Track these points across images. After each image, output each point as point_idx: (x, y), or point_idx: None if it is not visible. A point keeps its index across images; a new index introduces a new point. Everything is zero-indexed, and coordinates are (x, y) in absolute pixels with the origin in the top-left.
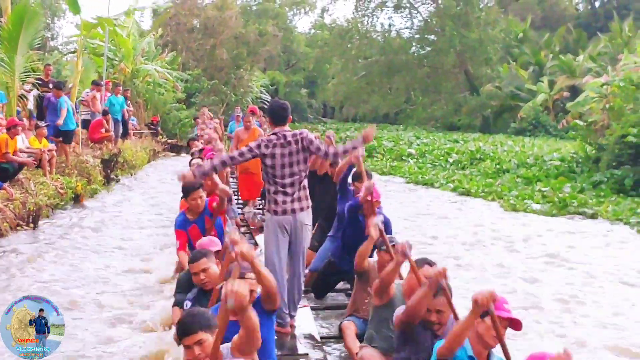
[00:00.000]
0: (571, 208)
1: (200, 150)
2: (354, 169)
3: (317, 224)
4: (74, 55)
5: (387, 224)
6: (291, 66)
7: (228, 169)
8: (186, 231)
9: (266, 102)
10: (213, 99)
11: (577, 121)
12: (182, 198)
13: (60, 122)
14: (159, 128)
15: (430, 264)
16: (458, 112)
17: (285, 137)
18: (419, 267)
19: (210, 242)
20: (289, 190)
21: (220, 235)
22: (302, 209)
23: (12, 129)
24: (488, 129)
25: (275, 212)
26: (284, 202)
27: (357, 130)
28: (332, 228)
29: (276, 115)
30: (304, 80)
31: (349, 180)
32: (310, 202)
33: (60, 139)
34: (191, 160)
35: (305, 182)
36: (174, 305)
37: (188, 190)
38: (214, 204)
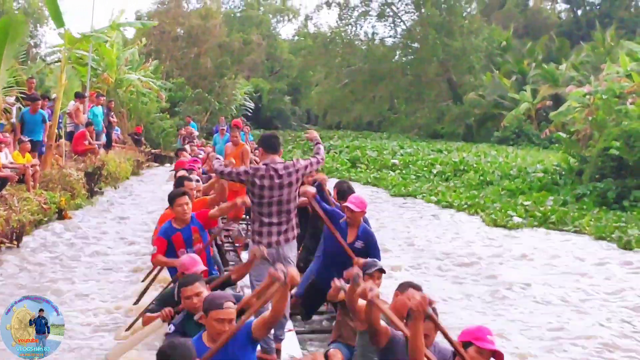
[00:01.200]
0: (551, 223)
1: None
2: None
3: (302, 245)
4: (58, 64)
5: (370, 237)
6: (275, 73)
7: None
8: (169, 239)
9: (250, 110)
10: (197, 107)
11: (561, 134)
12: (166, 209)
13: (44, 137)
14: (143, 138)
15: (415, 287)
16: (441, 121)
17: (276, 170)
18: (403, 291)
19: (192, 262)
20: (274, 220)
21: (207, 249)
22: (287, 241)
23: None
24: (471, 138)
25: (260, 243)
26: (269, 234)
27: (340, 138)
28: (318, 248)
29: (267, 145)
30: (288, 87)
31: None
32: (296, 231)
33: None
34: (176, 172)
35: (294, 213)
36: (146, 311)
37: (174, 195)
38: (213, 212)
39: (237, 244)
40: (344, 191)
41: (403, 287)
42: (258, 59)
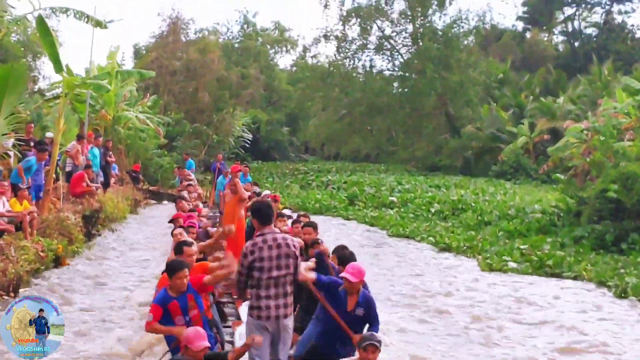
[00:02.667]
0: (548, 268)
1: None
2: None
3: (298, 305)
4: (56, 102)
5: (370, 303)
6: (272, 103)
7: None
8: (165, 307)
9: (248, 141)
10: (195, 142)
11: (559, 175)
12: (163, 272)
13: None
14: (141, 175)
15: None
16: (439, 153)
17: (275, 239)
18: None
19: (197, 337)
20: (272, 293)
21: (204, 318)
22: (286, 316)
23: None
24: (469, 171)
25: (259, 317)
26: (267, 308)
27: (338, 172)
28: (317, 309)
29: (262, 216)
30: (286, 118)
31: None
32: (293, 305)
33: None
34: (173, 229)
35: (291, 287)
36: None
37: (174, 268)
38: (207, 279)
39: (234, 296)
40: (344, 257)
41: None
42: (256, 92)
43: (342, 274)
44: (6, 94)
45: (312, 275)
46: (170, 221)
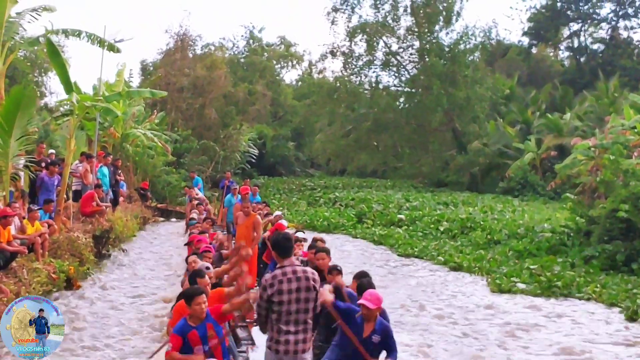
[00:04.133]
0: (556, 289)
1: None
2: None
3: (315, 331)
4: (65, 119)
5: (387, 330)
6: (278, 118)
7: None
8: (184, 337)
9: (254, 156)
10: (202, 158)
11: (569, 195)
12: (177, 301)
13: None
14: (149, 193)
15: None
16: (445, 169)
17: (295, 272)
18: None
19: None
20: (292, 328)
21: (224, 347)
22: (304, 351)
23: (3, 220)
24: (476, 187)
25: (277, 352)
26: (287, 342)
27: (345, 188)
28: (335, 335)
29: (282, 249)
30: (291, 132)
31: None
32: (311, 341)
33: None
34: (187, 256)
35: (311, 323)
36: None
37: (192, 295)
38: (226, 308)
39: (247, 319)
40: (363, 286)
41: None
42: (263, 108)
43: (360, 301)
44: (18, 115)
45: (331, 297)
46: (187, 244)
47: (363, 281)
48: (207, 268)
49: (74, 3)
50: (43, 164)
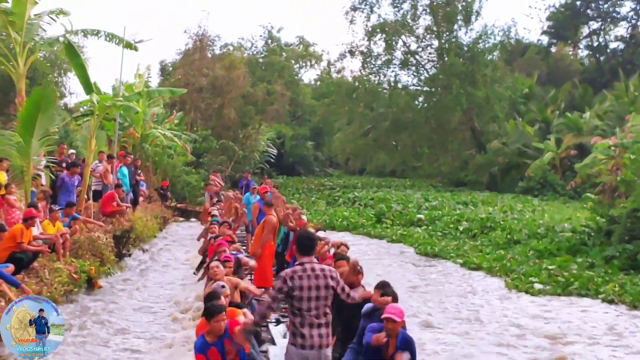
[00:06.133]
0: (574, 289)
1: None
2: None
3: (335, 336)
4: (85, 119)
5: (410, 345)
6: (297, 118)
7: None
8: (205, 355)
9: (273, 156)
10: (221, 158)
11: (589, 195)
12: (202, 316)
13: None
14: (169, 193)
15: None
16: (464, 169)
17: (313, 269)
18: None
19: None
20: (315, 322)
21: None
22: (327, 345)
23: (28, 221)
24: (495, 187)
25: (303, 347)
26: (311, 337)
27: (364, 187)
28: (355, 338)
29: (303, 247)
30: (310, 132)
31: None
32: (332, 337)
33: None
34: (209, 262)
35: (330, 317)
36: None
37: (213, 312)
38: (237, 329)
39: (267, 319)
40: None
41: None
42: (281, 108)
43: (385, 315)
44: (39, 116)
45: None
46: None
47: (387, 291)
48: (222, 287)
49: (93, 4)
50: (64, 165)
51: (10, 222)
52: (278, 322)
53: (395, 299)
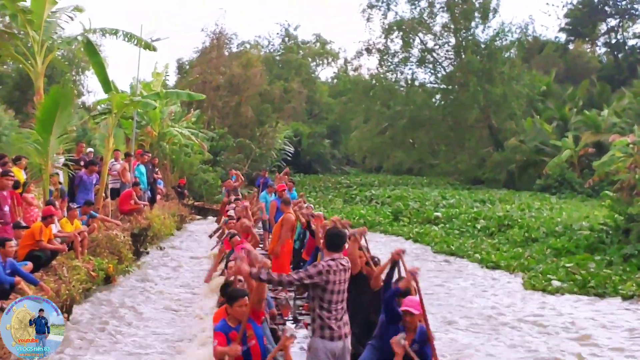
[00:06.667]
0: (591, 288)
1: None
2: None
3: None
4: (103, 117)
5: (423, 335)
6: (314, 116)
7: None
8: (227, 335)
9: (290, 154)
10: (238, 156)
11: (607, 192)
12: (219, 305)
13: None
14: (186, 191)
15: None
16: (482, 166)
17: (342, 264)
18: None
19: None
20: (340, 315)
21: (262, 347)
22: (347, 335)
23: (47, 219)
24: (513, 184)
25: (332, 338)
26: (339, 327)
27: (381, 185)
28: (374, 335)
29: (333, 244)
30: (327, 130)
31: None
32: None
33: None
34: (229, 261)
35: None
36: None
37: (235, 297)
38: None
39: (285, 317)
40: (405, 291)
41: None
42: (298, 106)
43: (404, 308)
44: (57, 114)
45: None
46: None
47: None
48: (240, 281)
49: (110, 2)
50: (82, 163)
51: (28, 220)
52: (296, 319)
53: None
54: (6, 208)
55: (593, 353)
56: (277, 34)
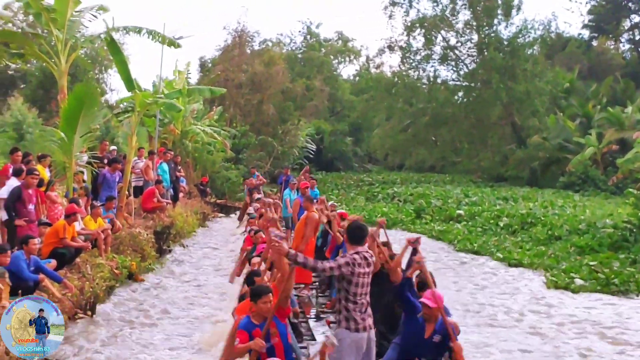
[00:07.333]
0: (614, 286)
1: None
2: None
3: (375, 330)
4: (126, 115)
5: (444, 327)
6: (336, 114)
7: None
8: (250, 333)
9: (312, 152)
10: (260, 154)
11: (631, 190)
12: (241, 301)
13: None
14: (208, 188)
15: None
16: (505, 164)
17: (366, 258)
18: None
19: None
20: (365, 307)
21: (285, 340)
22: (370, 327)
23: (71, 216)
24: (536, 182)
25: (357, 330)
26: (363, 319)
27: (403, 183)
28: (398, 332)
29: (355, 236)
30: (349, 127)
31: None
32: None
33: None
34: (252, 257)
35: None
36: None
37: (260, 293)
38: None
39: (307, 315)
40: (424, 284)
41: None
42: (320, 104)
43: (421, 300)
44: (82, 112)
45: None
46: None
47: (422, 277)
48: (261, 275)
49: (132, 1)
50: (105, 161)
51: (52, 218)
52: (318, 317)
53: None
54: (31, 206)
55: (621, 351)
56: (299, 31)
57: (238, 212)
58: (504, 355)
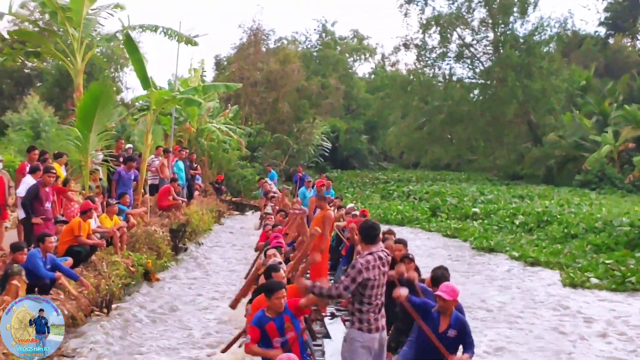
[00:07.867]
0: (630, 284)
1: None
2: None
3: (393, 326)
4: (142, 113)
5: (463, 325)
6: (351, 112)
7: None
8: (262, 328)
9: (327, 150)
10: (276, 152)
11: None
12: (255, 296)
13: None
14: (224, 186)
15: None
16: (520, 162)
17: (381, 257)
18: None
19: None
20: (378, 308)
21: (300, 340)
22: (383, 327)
23: (86, 213)
24: (552, 180)
25: (369, 330)
26: (376, 320)
27: (418, 181)
28: (412, 332)
29: (368, 236)
30: (364, 125)
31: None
32: None
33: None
34: (267, 249)
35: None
36: None
37: (273, 289)
38: (302, 303)
39: (323, 313)
40: (437, 278)
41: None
42: (336, 102)
43: (436, 293)
44: (97, 110)
45: (404, 291)
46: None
47: (437, 272)
48: (280, 263)
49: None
50: (121, 159)
51: (69, 216)
52: (333, 316)
53: (446, 279)
54: (48, 204)
55: (635, 349)
56: (314, 30)
57: (253, 210)
58: (521, 353)
